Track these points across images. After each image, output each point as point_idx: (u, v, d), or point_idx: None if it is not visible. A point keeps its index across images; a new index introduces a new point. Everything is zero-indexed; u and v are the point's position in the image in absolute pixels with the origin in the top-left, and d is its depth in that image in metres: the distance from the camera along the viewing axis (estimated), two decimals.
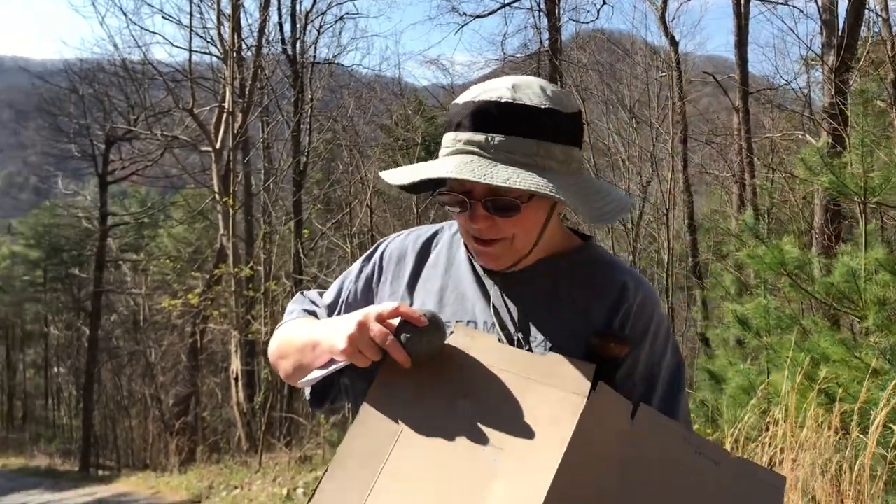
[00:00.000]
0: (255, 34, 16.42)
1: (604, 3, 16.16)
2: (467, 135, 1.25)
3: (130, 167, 22.24)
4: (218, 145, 15.29)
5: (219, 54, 16.27)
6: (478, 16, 16.82)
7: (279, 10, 17.53)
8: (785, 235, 5.83)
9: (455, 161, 1.23)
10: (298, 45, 17.57)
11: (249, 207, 17.04)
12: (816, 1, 11.67)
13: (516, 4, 16.40)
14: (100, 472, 19.25)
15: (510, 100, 1.25)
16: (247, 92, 15.42)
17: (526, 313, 1.37)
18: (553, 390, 1.20)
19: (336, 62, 19.02)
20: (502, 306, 1.39)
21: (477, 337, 1.29)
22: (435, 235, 1.54)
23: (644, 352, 1.35)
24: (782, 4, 14.54)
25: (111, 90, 20.07)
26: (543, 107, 1.25)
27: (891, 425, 3.47)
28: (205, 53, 17.09)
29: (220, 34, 15.85)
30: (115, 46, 19.25)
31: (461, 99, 1.31)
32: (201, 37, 16.69)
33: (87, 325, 23.51)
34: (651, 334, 1.37)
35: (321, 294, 1.61)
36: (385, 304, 1.25)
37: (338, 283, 1.58)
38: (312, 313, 1.56)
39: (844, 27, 10.41)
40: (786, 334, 5.03)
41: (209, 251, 20.16)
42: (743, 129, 12.80)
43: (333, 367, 1.30)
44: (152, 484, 12.51)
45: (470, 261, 1.46)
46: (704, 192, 19.59)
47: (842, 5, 10.84)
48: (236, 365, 14.30)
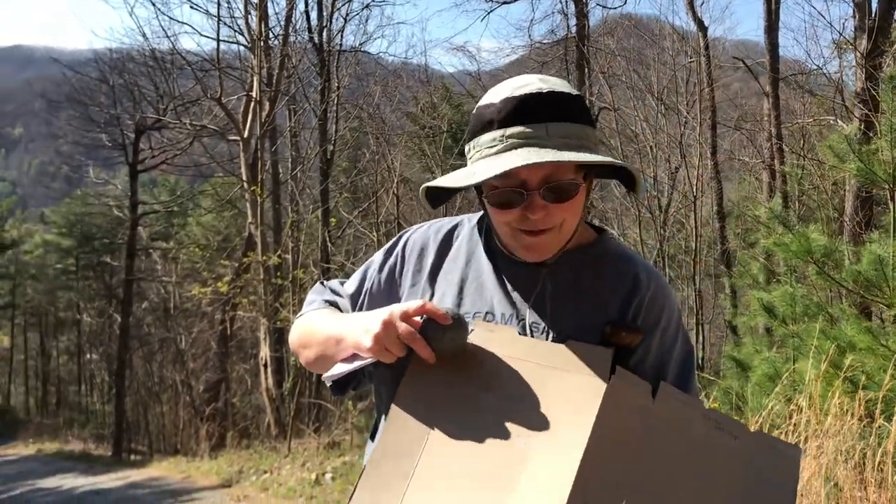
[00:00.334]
0: (282, 23, 16.47)
1: None
2: (516, 129, 1.29)
3: (160, 156, 22.50)
4: (246, 134, 15.39)
5: (246, 43, 16.38)
6: (504, 2, 16.71)
7: None
8: (812, 223, 5.80)
9: (520, 154, 1.26)
10: (325, 34, 17.57)
11: (277, 196, 17.16)
12: None
13: None
14: (132, 457, 19.56)
15: (549, 89, 1.31)
16: (274, 81, 15.49)
17: (543, 304, 1.41)
18: (574, 376, 1.25)
19: (362, 50, 19.01)
20: (520, 298, 1.42)
21: (496, 330, 1.34)
22: (455, 228, 1.57)
23: (655, 341, 1.40)
24: None
25: (140, 80, 20.27)
26: (574, 94, 1.33)
27: None
28: (232, 42, 17.21)
29: (248, 23, 15.94)
30: (144, 36, 19.51)
31: (494, 99, 1.34)
32: (229, 26, 16.82)
33: (119, 313, 23.83)
34: (662, 324, 1.42)
35: (342, 283, 1.64)
36: (410, 303, 1.29)
37: (360, 273, 1.60)
38: (333, 304, 1.60)
39: (877, 10, 10.25)
40: (812, 322, 5.00)
41: (238, 239, 20.33)
42: (773, 116, 12.67)
43: (358, 364, 1.34)
44: (183, 468, 12.70)
45: (489, 254, 1.49)
46: (734, 179, 19.41)
47: None
48: (265, 352, 14.45)
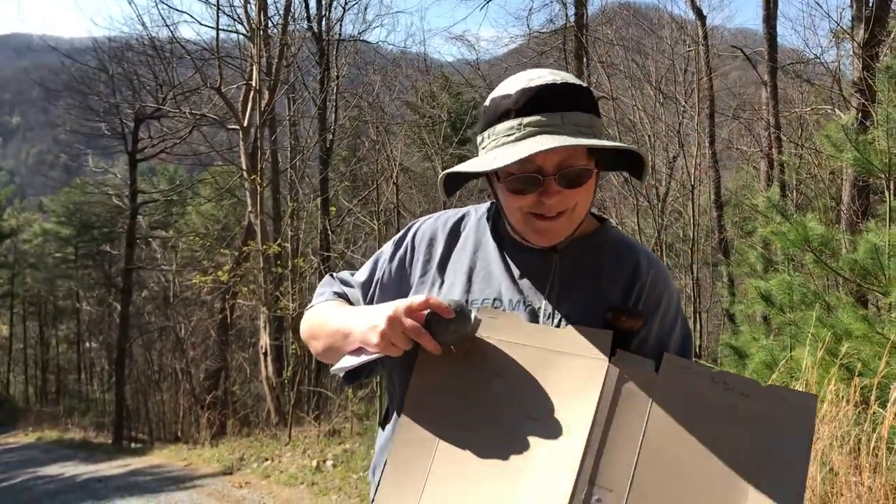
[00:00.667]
0: (281, 12, 16.44)
1: None
2: (533, 118, 1.35)
3: (159, 145, 22.47)
4: (245, 123, 15.41)
5: (245, 32, 16.37)
6: None
7: None
8: (809, 212, 5.85)
9: (538, 140, 1.32)
10: (324, 23, 17.58)
11: (277, 185, 17.17)
12: None
13: None
14: (132, 445, 19.64)
15: (563, 81, 1.38)
16: (273, 70, 15.49)
17: (550, 291, 1.46)
18: (576, 359, 1.31)
19: (361, 39, 19.02)
20: (526, 284, 1.48)
21: (500, 316, 1.39)
22: (463, 219, 1.63)
23: (655, 324, 1.46)
24: None
25: (140, 69, 20.18)
26: (584, 86, 1.40)
27: None
28: (232, 31, 17.22)
29: (247, 12, 15.94)
30: (144, 25, 19.50)
31: (510, 90, 1.40)
32: (228, 15, 16.84)
33: (119, 301, 23.87)
34: (662, 309, 1.48)
35: (352, 274, 1.70)
36: (415, 298, 1.34)
37: (371, 263, 1.66)
38: (343, 295, 1.65)
39: (874, 0, 10.28)
40: (809, 310, 5.07)
41: (237, 228, 20.36)
42: (771, 105, 12.71)
43: (365, 358, 1.39)
44: (184, 456, 12.77)
45: (497, 242, 1.55)
46: (732, 168, 19.44)
47: None
48: (265, 340, 14.52)
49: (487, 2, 16.94)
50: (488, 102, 1.44)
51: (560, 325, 1.41)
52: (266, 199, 16.01)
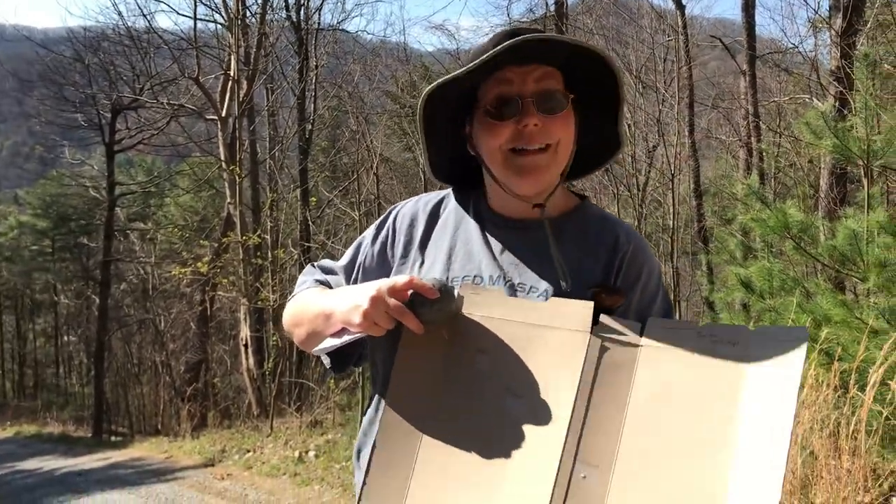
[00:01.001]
0: (259, 1, 16.34)
1: None
2: (512, 41, 1.33)
3: (137, 136, 22.20)
4: (223, 113, 15.29)
5: (223, 22, 16.25)
6: None
7: None
8: (789, 199, 5.89)
9: (522, 38, 1.32)
10: (302, 12, 17.47)
11: (256, 175, 17.08)
12: None
13: None
14: (113, 438, 19.50)
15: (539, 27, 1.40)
16: (252, 59, 15.38)
17: (529, 265, 1.46)
18: (558, 332, 1.29)
19: (340, 28, 18.93)
20: (507, 260, 1.48)
21: (482, 292, 1.37)
22: (443, 200, 1.64)
23: (635, 298, 1.45)
24: None
25: (116, 59, 19.91)
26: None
27: (888, 382, 3.56)
28: (209, 21, 17.09)
29: (225, 1, 15.80)
30: (120, 14, 19.27)
31: (486, 38, 1.43)
32: (206, 4, 16.71)
33: (97, 294, 23.65)
34: (642, 282, 1.47)
35: (335, 261, 1.69)
36: (398, 277, 1.32)
37: (353, 248, 1.66)
38: (324, 283, 1.64)
39: None
40: (789, 297, 5.10)
41: (216, 220, 20.22)
42: (750, 94, 12.77)
43: (347, 338, 1.38)
44: (165, 448, 12.69)
45: (477, 221, 1.55)
46: (710, 157, 19.54)
47: None
48: (245, 332, 14.46)
49: None
50: (473, 47, 1.46)
51: (540, 300, 1.40)
52: (245, 190, 15.92)
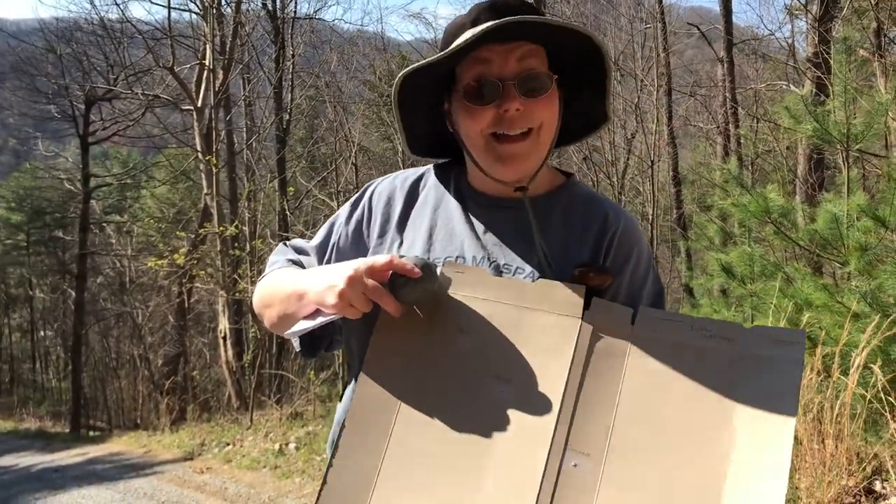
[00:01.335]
0: None
1: None
2: (488, 24, 1.25)
3: (111, 127, 21.95)
4: (199, 103, 15.12)
5: (198, 10, 16.02)
6: None
7: None
8: (769, 184, 5.88)
9: (494, 23, 1.24)
10: (279, 1, 17.31)
11: (233, 166, 16.93)
12: None
13: None
14: (91, 433, 19.30)
15: (520, 1, 1.33)
16: (227, 49, 15.22)
17: (514, 246, 1.39)
18: (547, 315, 1.23)
19: (317, 17, 18.80)
20: (491, 241, 1.41)
21: (466, 271, 1.31)
22: (422, 177, 1.55)
23: (626, 279, 1.39)
24: None
25: (89, 49, 19.67)
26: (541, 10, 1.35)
27: (870, 366, 3.55)
28: (184, 10, 16.88)
29: None
30: (92, 4, 18.95)
31: (464, 12, 1.34)
32: None
33: (73, 288, 23.41)
34: (633, 262, 1.41)
35: (308, 241, 1.61)
36: (377, 257, 1.25)
37: (326, 227, 1.57)
38: (297, 263, 1.56)
39: None
40: (770, 281, 5.10)
41: (193, 211, 20.05)
42: (727, 80, 12.78)
43: (321, 320, 1.30)
44: (144, 443, 12.58)
45: (459, 198, 1.48)
46: (688, 146, 19.60)
47: None
48: (224, 324, 14.33)
49: None
50: (446, 27, 1.37)
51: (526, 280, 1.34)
52: (222, 182, 15.78)
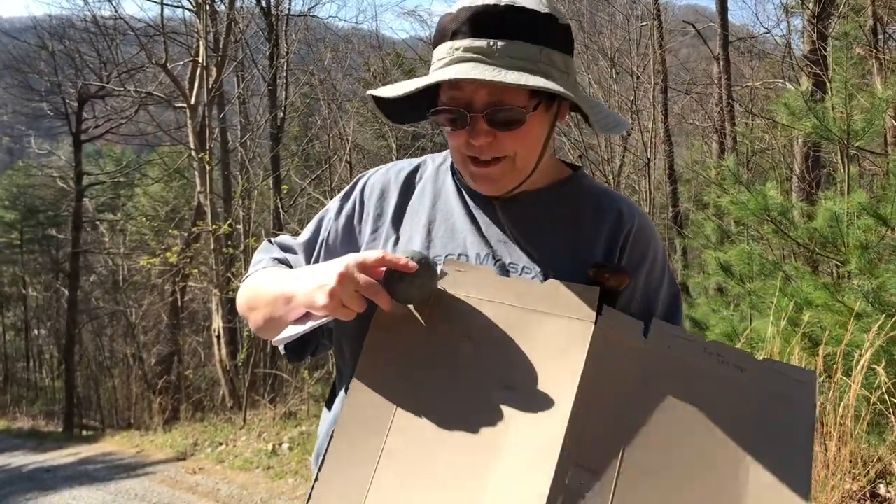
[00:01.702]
0: None
1: None
2: (466, 42, 1.18)
3: (104, 125, 21.85)
4: (193, 101, 15.01)
5: (191, 7, 15.91)
6: None
7: None
8: (768, 182, 5.82)
9: (456, 68, 1.17)
10: None
11: (227, 164, 16.83)
12: None
13: None
14: (84, 433, 19.21)
15: (507, 3, 1.18)
16: (221, 46, 15.12)
17: (520, 244, 1.30)
18: (557, 319, 1.14)
19: (312, 14, 18.69)
20: (495, 237, 1.31)
21: (469, 270, 1.22)
22: (418, 168, 1.46)
23: (641, 280, 1.30)
24: None
25: (82, 46, 19.59)
26: (544, 12, 1.20)
27: (874, 367, 3.49)
28: (177, 7, 16.72)
29: None
30: (85, 1, 18.86)
31: (455, 7, 1.23)
32: None
33: (66, 287, 23.31)
34: (648, 263, 1.32)
35: (296, 237, 1.51)
36: (368, 253, 1.17)
37: (315, 222, 1.48)
38: (283, 262, 1.46)
39: None
40: (768, 280, 5.03)
41: (186, 209, 19.96)
42: (724, 77, 12.73)
43: (311, 325, 1.22)
44: (137, 442, 12.50)
45: (458, 192, 1.38)
46: (683, 144, 19.55)
47: None
48: (218, 323, 14.23)
49: None
50: (440, 19, 1.26)
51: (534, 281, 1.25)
52: (216, 180, 15.68)
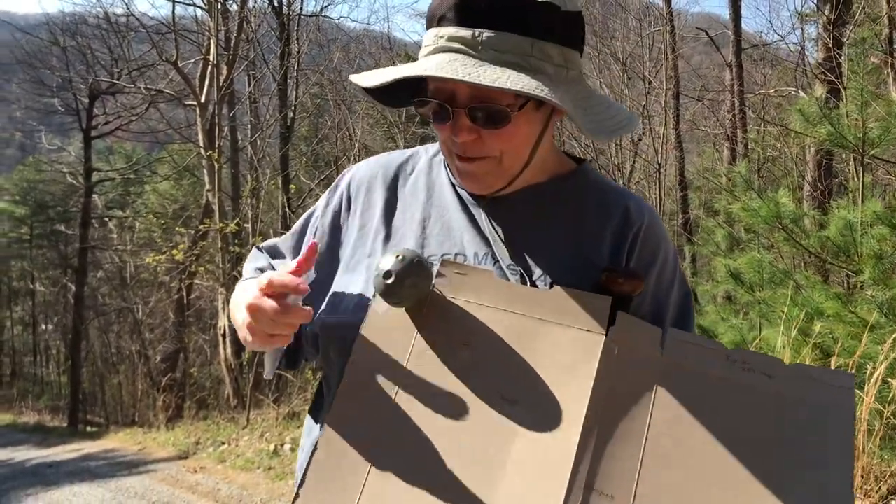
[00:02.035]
0: None
1: None
2: (451, 30, 1.07)
3: (115, 122, 21.90)
4: (203, 99, 14.99)
5: (203, 6, 15.91)
6: None
7: None
8: (780, 189, 5.74)
9: (436, 60, 1.06)
10: None
11: (236, 162, 16.84)
12: None
13: None
14: (88, 429, 19.23)
15: None
16: (232, 44, 15.10)
17: (520, 243, 1.20)
18: (566, 330, 1.05)
19: (324, 15, 18.69)
20: (494, 235, 1.20)
21: (470, 273, 1.12)
22: (409, 159, 1.36)
23: (651, 282, 1.20)
24: None
25: (94, 43, 19.68)
26: (540, 0, 1.07)
27: (888, 380, 3.40)
28: (189, 5, 16.73)
29: None
30: None
31: None
32: None
33: (74, 282, 23.35)
34: (659, 263, 1.22)
35: (286, 239, 1.42)
36: (271, 273, 1.07)
37: (302, 220, 1.39)
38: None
39: None
40: (779, 289, 4.95)
41: (194, 207, 19.97)
42: (736, 84, 12.65)
43: (274, 352, 1.14)
44: (139, 440, 12.47)
45: (453, 186, 1.27)
46: (694, 151, 19.47)
47: None
48: (224, 321, 14.20)
49: None
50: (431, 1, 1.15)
51: (534, 284, 1.14)
52: (225, 178, 15.67)
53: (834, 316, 4.23)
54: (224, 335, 14.14)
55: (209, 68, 15.11)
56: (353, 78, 1.16)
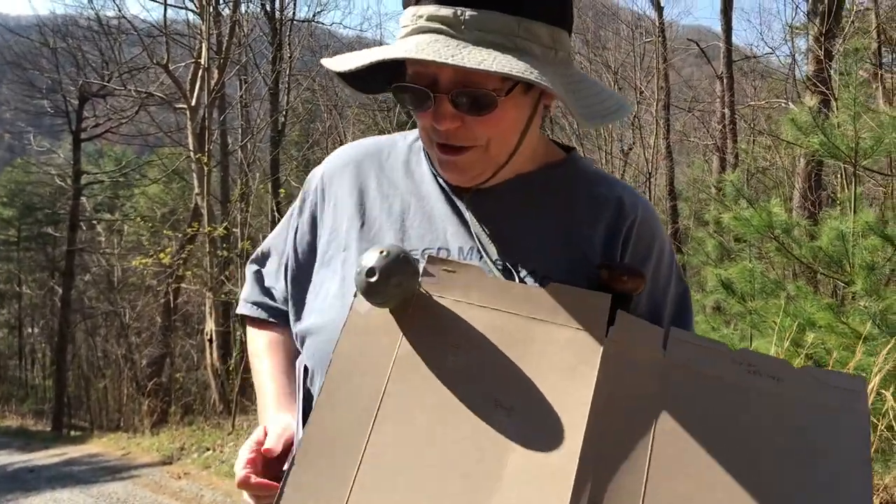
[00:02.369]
0: None
1: None
2: (430, 8, 0.98)
3: (105, 124, 21.79)
4: (193, 102, 14.94)
5: (195, 9, 15.86)
6: None
7: None
8: (773, 198, 5.71)
9: (415, 41, 0.98)
10: (277, 2, 17.21)
11: (226, 167, 16.76)
12: None
13: None
14: (72, 433, 19.06)
15: None
16: (223, 48, 15.05)
17: (508, 236, 1.12)
18: (563, 330, 0.97)
19: (316, 21, 18.70)
20: (479, 228, 1.12)
21: (459, 269, 1.03)
22: (386, 146, 1.27)
23: (647, 277, 1.10)
24: None
25: (85, 45, 19.58)
26: None
27: (882, 391, 3.36)
28: (181, 8, 16.70)
29: None
30: (89, 0, 18.82)
31: None
32: None
33: (61, 285, 23.19)
34: (654, 258, 1.15)
35: (272, 261, 1.36)
36: (242, 452, 1.09)
37: (283, 222, 1.33)
38: (266, 308, 1.32)
39: None
40: (770, 299, 4.92)
41: (183, 211, 19.88)
42: (727, 95, 12.68)
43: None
44: (123, 445, 12.36)
45: (434, 175, 1.19)
46: (684, 162, 19.53)
47: None
48: (210, 326, 14.12)
49: None
50: None
51: (522, 280, 1.07)
52: (214, 182, 15.60)
53: (826, 327, 4.20)
54: (211, 340, 14.05)
55: (200, 72, 15.06)
56: (325, 62, 1.09)
